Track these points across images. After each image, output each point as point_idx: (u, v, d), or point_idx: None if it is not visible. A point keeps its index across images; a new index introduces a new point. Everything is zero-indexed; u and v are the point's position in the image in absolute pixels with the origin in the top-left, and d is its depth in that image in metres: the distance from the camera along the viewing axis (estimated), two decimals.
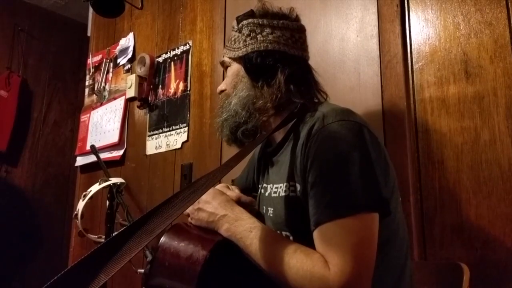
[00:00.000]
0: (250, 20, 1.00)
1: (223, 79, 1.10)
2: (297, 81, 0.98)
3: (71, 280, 0.49)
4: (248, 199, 0.98)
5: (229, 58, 1.04)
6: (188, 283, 0.81)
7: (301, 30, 1.03)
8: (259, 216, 0.97)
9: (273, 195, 0.96)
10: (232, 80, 1.03)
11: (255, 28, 0.99)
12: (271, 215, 0.96)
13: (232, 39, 1.04)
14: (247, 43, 0.99)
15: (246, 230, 0.86)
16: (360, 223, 0.76)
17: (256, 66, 0.97)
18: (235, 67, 1.03)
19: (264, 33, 0.98)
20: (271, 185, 0.99)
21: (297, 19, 1.03)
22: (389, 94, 1.32)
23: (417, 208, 1.21)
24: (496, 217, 1.08)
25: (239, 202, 0.98)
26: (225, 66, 1.08)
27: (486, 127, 1.13)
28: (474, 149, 1.14)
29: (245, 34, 0.99)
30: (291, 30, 1.00)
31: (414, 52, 1.30)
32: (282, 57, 0.97)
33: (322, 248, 0.76)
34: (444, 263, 1.09)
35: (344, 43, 1.49)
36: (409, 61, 1.30)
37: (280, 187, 0.93)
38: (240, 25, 1.01)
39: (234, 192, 1.03)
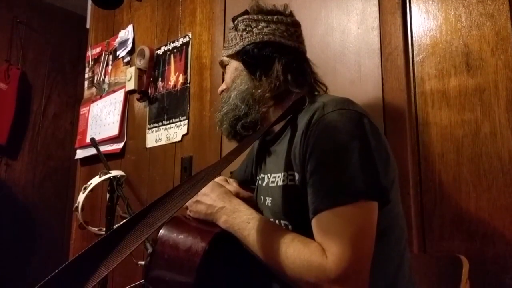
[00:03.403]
0: (245, 17, 1.02)
1: (223, 81, 1.11)
2: (294, 70, 0.99)
3: (72, 273, 0.49)
4: (246, 194, 0.98)
5: (227, 56, 1.06)
6: (187, 275, 0.82)
7: (296, 24, 1.05)
8: (257, 208, 0.98)
9: (270, 184, 0.97)
10: (231, 76, 1.05)
11: (250, 23, 1.01)
12: (269, 204, 0.96)
13: (229, 39, 1.06)
14: (243, 37, 1.01)
15: (243, 222, 0.87)
16: (359, 212, 0.76)
17: (253, 57, 0.98)
18: (233, 64, 1.05)
19: (260, 27, 1.00)
20: (269, 174, 0.99)
21: (291, 14, 1.05)
22: (389, 87, 1.31)
23: (417, 201, 1.21)
24: (496, 209, 1.08)
25: (237, 197, 0.98)
26: (223, 65, 1.09)
27: (487, 119, 1.12)
28: (475, 142, 1.14)
29: (241, 30, 1.01)
30: (286, 24, 1.02)
31: (415, 44, 1.29)
32: (278, 47, 0.99)
33: (320, 237, 0.77)
34: (444, 256, 1.10)
35: (344, 35, 1.48)
36: (410, 54, 1.29)
37: (278, 176, 0.93)
38: (235, 22, 1.03)
39: (233, 186, 1.04)
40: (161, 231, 0.88)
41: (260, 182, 1.05)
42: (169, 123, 2.17)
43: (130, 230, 0.56)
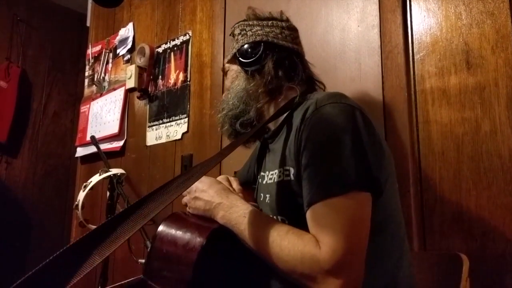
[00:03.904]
0: (241, 23, 1.08)
1: (223, 81, 1.16)
2: (286, 66, 1.03)
3: (67, 260, 0.50)
4: (243, 196, 1.00)
5: (227, 62, 1.12)
6: (185, 270, 0.82)
7: (292, 28, 1.09)
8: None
9: (268, 182, 0.98)
10: (230, 79, 1.11)
11: (245, 27, 1.06)
12: (268, 201, 0.97)
13: (230, 47, 1.11)
14: (238, 40, 1.06)
15: (240, 216, 0.88)
16: (352, 202, 0.76)
17: (246, 56, 1.03)
18: (233, 68, 1.11)
19: (254, 30, 1.05)
20: (267, 172, 1.01)
21: (287, 20, 1.09)
22: (389, 85, 1.31)
23: (417, 199, 1.21)
24: (496, 207, 1.08)
25: None
26: (225, 72, 1.15)
27: (487, 117, 1.12)
28: (475, 139, 1.14)
29: (236, 34, 1.07)
30: (281, 28, 1.06)
31: (415, 42, 1.29)
32: (271, 46, 1.03)
33: (314, 228, 0.77)
34: (444, 254, 1.10)
35: (345, 33, 1.48)
36: (410, 52, 1.29)
37: (275, 173, 0.95)
38: (232, 29, 1.09)
39: (235, 185, 1.06)
40: (160, 227, 0.89)
41: (260, 180, 1.07)
42: (169, 121, 2.17)
43: (125, 220, 0.57)
